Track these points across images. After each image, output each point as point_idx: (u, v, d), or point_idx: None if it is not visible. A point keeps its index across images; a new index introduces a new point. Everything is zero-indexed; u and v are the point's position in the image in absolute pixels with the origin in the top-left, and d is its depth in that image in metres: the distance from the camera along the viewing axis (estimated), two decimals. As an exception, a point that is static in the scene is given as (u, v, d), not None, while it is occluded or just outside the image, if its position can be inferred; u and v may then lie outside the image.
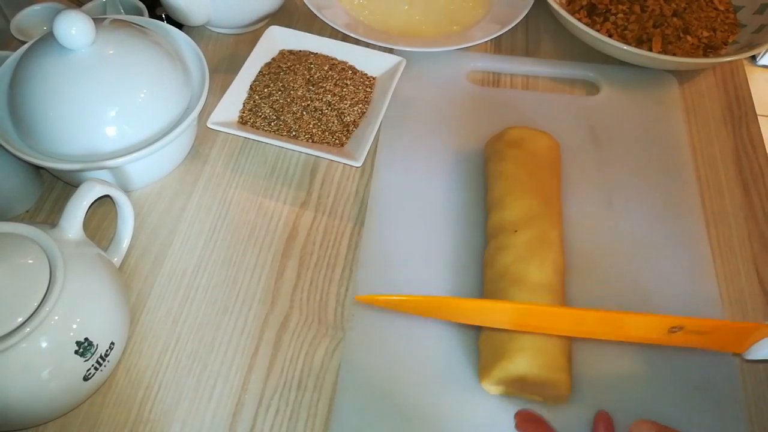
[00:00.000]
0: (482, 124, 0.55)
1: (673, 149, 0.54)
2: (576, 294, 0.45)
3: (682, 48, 0.58)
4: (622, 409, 0.40)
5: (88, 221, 0.49)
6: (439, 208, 0.49)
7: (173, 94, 0.47)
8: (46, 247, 0.37)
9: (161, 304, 0.45)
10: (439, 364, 0.42)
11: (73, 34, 0.42)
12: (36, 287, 0.35)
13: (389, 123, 0.55)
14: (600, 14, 0.61)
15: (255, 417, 0.41)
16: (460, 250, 0.47)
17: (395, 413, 0.40)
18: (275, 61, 0.57)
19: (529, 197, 0.45)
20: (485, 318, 0.39)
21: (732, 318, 0.45)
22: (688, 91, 0.59)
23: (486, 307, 0.39)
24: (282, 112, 0.53)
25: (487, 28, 0.60)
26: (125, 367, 0.42)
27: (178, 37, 0.52)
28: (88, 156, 0.45)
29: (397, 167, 0.52)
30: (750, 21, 0.61)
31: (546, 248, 0.43)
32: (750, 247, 0.49)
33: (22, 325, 0.34)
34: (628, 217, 0.49)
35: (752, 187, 0.53)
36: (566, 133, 0.54)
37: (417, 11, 0.64)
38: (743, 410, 0.41)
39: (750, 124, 0.57)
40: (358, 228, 0.49)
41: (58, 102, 0.43)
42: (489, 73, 0.60)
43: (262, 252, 0.48)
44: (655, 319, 0.38)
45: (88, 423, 0.40)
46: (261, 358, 0.43)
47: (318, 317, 0.45)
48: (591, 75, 0.60)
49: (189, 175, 0.52)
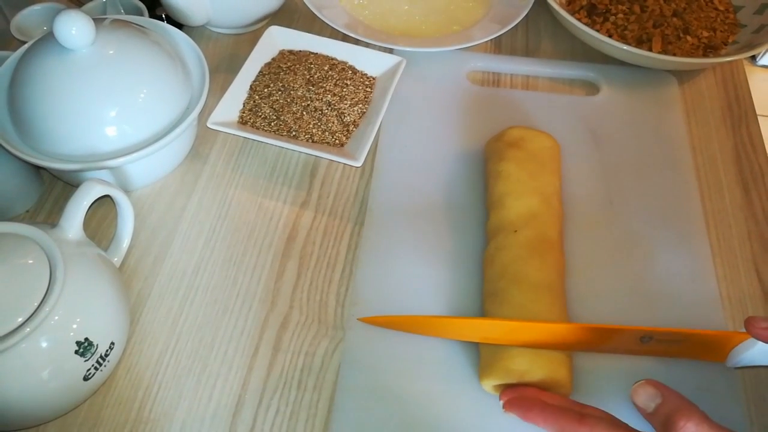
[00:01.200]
0: (482, 124, 0.55)
1: (673, 149, 0.54)
2: (576, 294, 0.45)
3: (682, 48, 0.58)
4: (622, 409, 0.40)
5: (88, 221, 0.49)
6: (439, 208, 0.49)
7: (173, 94, 0.47)
8: (46, 247, 0.37)
9: (161, 304, 0.45)
10: (439, 364, 0.42)
11: (73, 34, 0.42)
12: (36, 287, 0.35)
13: (389, 123, 0.55)
14: (600, 14, 0.61)
15: (255, 417, 0.41)
16: (460, 250, 0.47)
17: (395, 413, 0.40)
18: (275, 61, 0.57)
19: (529, 197, 0.45)
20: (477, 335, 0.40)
21: (732, 318, 0.45)
22: (688, 91, 0.59)
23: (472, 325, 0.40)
24: (282, 112, 0.53)
25: (487, 28, 0.60)
26: (125, 367, 0.42)
27: (178, 37, 0.52)
28: (88, 156, 0.45)
29: (397, 167, 0.52)
30: (750, 21, 0.61)
31: (546, 248, 0.43)
32: (750, 247, 0.49)
33: (22, 325, 0.34)
34: (628, 217, 0.49)
35: (752, 187, 0.53)
36: (566, 133, 0.54)
37: (417, 11, 0.64)
38: (743, 410, 0.41)
39: (750, 124, 0.57)
40: (358, 228, 0.49)
41: (58, 102, 0.43)
42: (489, 73, 0.60)
43: (262, 252, 0.48)
44: (625, 330, 0.38)
45: (88, 423, 0.40)
46: (261, 358, 0.43)
47: (318, 317, 0.45)
48: (591, 75, 0.60)
49: (189, 175, 0.52)
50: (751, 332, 0.36)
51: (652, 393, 0.35)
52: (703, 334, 0.38)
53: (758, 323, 0.36)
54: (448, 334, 0.42)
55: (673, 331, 0.38)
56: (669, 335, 0.38)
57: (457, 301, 0.45)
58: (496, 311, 0.41)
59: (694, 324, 0.44)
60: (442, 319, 0.41)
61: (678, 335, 0.38)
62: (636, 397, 0.35)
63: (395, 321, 0.42)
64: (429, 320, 0.41)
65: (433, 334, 0.42)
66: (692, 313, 0.44)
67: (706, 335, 0.38)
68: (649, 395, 0.35)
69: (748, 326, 0.36)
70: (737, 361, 0.38)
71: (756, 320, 0.36)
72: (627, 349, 0.40)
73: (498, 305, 0.41)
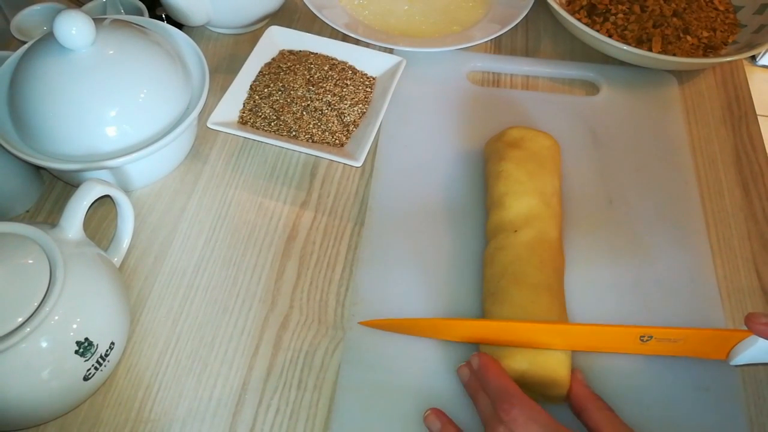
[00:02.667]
0: (482, 124, 0.55)
1: (673, 149, 0.54)
2: (576, 294, 0.45)
3: (682, 48, 0.58)
4: (622, 409, 0.40)
5: (88, 221, 0.49)
6: (439, 208, 0.49)
7: (173, 94, 0.47)
8: (46, 247, 0.37)
9: (161, 304, 0.45)
10: (439, 363, 0.42)
11: (73, 34, 0.42)
12: (36, 287, 0.35)
13: (389, 123, 0.55)
14: (600, 14, 0.61)
15: (255, 417, 0.41)
16: (460, 250, 0.47)
17: (395, 413, 0.40)
18: (275, 61, 0.57)
19: (529, 197, 0.45)
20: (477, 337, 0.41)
21: (732, 317, 0.45)
22: (688, 91, 0.59)
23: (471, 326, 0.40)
24: (282, 112, 0.53)
25: (487, 28, 0.60)
26: (125, 367, 0.42)
27: (178, 37, 0.52)
28: (88, 156, 0.45)
29: (397, 167, 0.52)
30: (750, 21, 0.61)
31: (546, 248, 0.43)
32: (750, 247, 0.49)
33: (22, 325, 0.34)
34: (628, 217, 0.49)
35: (752, 187, 0.53)
36: (566, 133, 0.54)
37: (417, 11, 0.64)
38: (743, 410, 0.41)
39: (750, 124, 0.57)
40: (358, 228, 0.49)
41: (59, 102, 0.43)
42: (489, 73, 0.60)
43: (262, 252, 0.48)
44: (624, 330, 0.39)
45: (88, 423, 0.40)
46: (261, 358, 0.43)
47: (318, 317, 0.45)
48: (591, 75, 0.60)
49: (189, 175, 0.52)
50: (752, 328, 0.36)
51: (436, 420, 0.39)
52: (703, 332, 0.38)
53: (759, 319, 0.36)
54: (447, 336, 0.42)
55: (672, 330, 0.38)
56: (668, 334, 0.38)
57: (457, 300, 0.45)
58: (496, 311, 0.41)
59: (694, 323, 0.44)
60: (441, 321, 0.41)
61: (678, 334, 0.38)
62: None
63: (394, 324, 0.42)
64: (428, 322, 0.41)
65: (432, 336, 0.42)
66: (692, 313, 0.44)
67: (706, 333, 0.39)
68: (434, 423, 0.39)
69: (748, 322, 0.37)
70: (738, 359, 0.38)
71: (757, 316, 0.36)
72: (627, 348, 0.40)
73: (498, 305, 0.41)
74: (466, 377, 0.39)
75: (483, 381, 0.37)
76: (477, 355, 0.39)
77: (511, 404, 0.34)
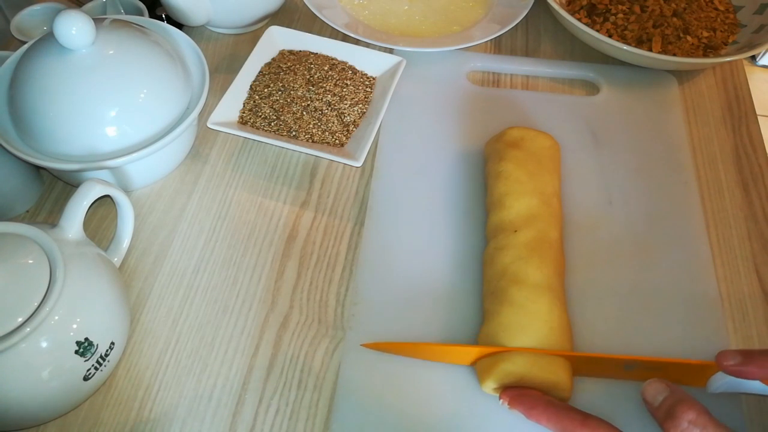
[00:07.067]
0: (482, 124, 0.55)
1: (673, 149, 0.54)
2: (576, 294, 0.45)
3: (682, 48, 0.58)
4: (622, 410, 0.40)
5: (88, 221, 0.49)
6: (439, 208, 0.49)
7: (173, 94, 0.47)
8: (46, 247, 0.37)
9: (161, 304, 0.45)
10: (439, 364, 0.42)
11: (73, 34, 0.42)
12: (36, 287, 0.35)
13: (389, 123, 0.55)
14: (600, 14, 0.61)
15: (255, 417, 0.41)
16: (460, 250, 0.47)
17: (395, 413, 0.40)
18: (275, 61, 0.57)
19: (529, 197, 0.45)
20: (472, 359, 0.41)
21: (732, 317, 0.45)
22: (688, 91, 0.59)
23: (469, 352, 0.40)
24: (282, 112, 0.53)
25: (487, 28, 0.60)
26: (125, 367, 0.42)
27: (178, 37, 0.52)
28: (88, 156, 0.45)
29: (397, 167, 0.52)
30: (750, 21, 0.61)
31: (546, 248, 0.43)
32: (750, 247, 0.49)
33: (22, 325, 0.34)
34: (628, 217, 0.49)
35: (752, 187, 0.53)
36: (566, 133, 0.54)
37: (417, 11, 0.64)
38: (743, 410, 0.41)
39: (750, 124, 0.57)
40: (358, 228, 0.49)
41: (59, 102, 0.43)
42: (489, 73, 0.60)
43: (262, 252, 0.48)
44: (609, 359, 0.40)
45: (88, 423, 0.40)
46: (261, 358, 0.43)
47: (318, 317, 0.45)
48: (591, 75, 0.60)
49: (189, 175, 0.52)
50: (721, 367, 0.37)
51: (660, 388, 0.37)
52: (683, 363, 0.39)
53: (727, 359, 0.37)
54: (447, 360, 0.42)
55: (655, 361, 0.39)
56: (651, 364, 0.39)
57: (457, 301, 0.45)
58: (496, 311, 0.41)
59: (694, 324, 0.44)
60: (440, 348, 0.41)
61: (659, 364, 0.39)
62: (645, 393, 0.38)
63: (396, 347, 0.42)
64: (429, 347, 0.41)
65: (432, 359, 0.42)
66: (692, 313, 0.44)
67: (685, 364, 0.39)
68: (657, 390, 0.37)
69: (718, 361, 0.37)
70: (716, 388, 0.39)
71: (725, 356, 0.37)
72: (612, 375, 0.41)
73: (498, 305, 0.41)
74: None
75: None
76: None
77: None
